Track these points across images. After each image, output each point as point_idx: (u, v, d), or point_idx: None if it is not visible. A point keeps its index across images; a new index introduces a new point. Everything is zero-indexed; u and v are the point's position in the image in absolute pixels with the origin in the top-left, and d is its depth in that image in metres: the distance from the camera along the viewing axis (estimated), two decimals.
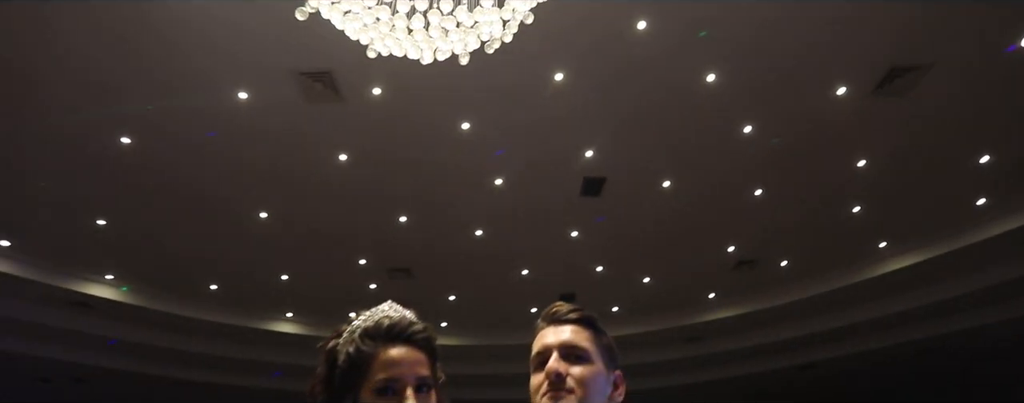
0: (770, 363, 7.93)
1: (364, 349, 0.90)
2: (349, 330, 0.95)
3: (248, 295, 6.50)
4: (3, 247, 5.22)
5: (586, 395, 0.94)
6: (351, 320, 0.96)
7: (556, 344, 1.00)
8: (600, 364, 1.01)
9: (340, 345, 0.93)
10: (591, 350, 1.01)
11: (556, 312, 1.07)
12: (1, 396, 8.33)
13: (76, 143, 3.99)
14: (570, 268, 6.13)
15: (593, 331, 1.06)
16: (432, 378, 0.95)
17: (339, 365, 0.91)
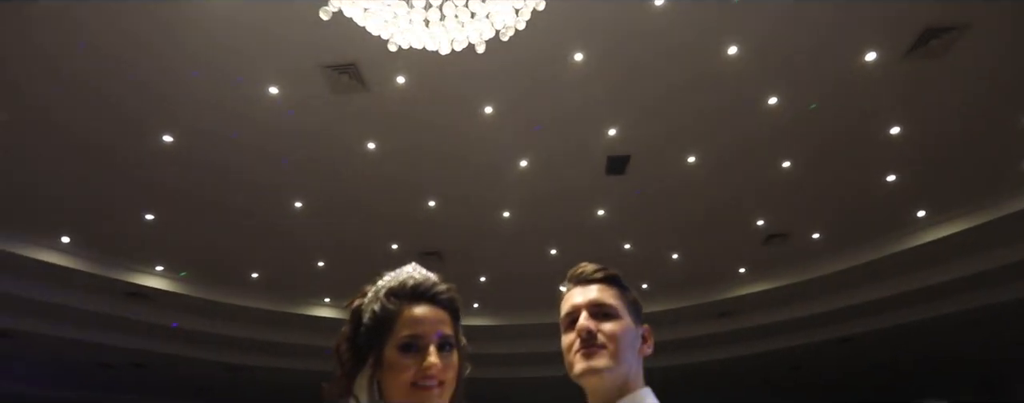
0: (805, 337, 7.90)
1: (389, 307, 0.93)
2: (374, 290, 0.98)
3: (287, 282, 6.83)
4: (63, 243, 5.63)
5: (618, 350, 0.99)
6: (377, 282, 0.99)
7: (584, 303, 1.05)
8: (628, 319, 1.05)
9: (365, 304, 0.96)
10: (619, 306, 1.05)
11: (582, 272, 1.12)
12: (67, 380, 9.01)
13: (122, 144, 4.26)
14: (598, 246, 6.20)
15: (619, 288, 1.10)
16: (454, 338, 0.96)
17: (364, 323, 0.94)
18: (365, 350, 0.93)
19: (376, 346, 0.91)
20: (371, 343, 0.92)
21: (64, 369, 8.44)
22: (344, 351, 0.96)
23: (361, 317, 0.95)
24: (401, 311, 0.92)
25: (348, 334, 0.97)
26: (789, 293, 6.99)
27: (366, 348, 0.94)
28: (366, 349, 0.93)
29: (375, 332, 0.92)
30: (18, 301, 6.05)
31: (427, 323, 0.92)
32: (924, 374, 10.14)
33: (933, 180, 5.17)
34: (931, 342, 8.08)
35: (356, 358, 0.95)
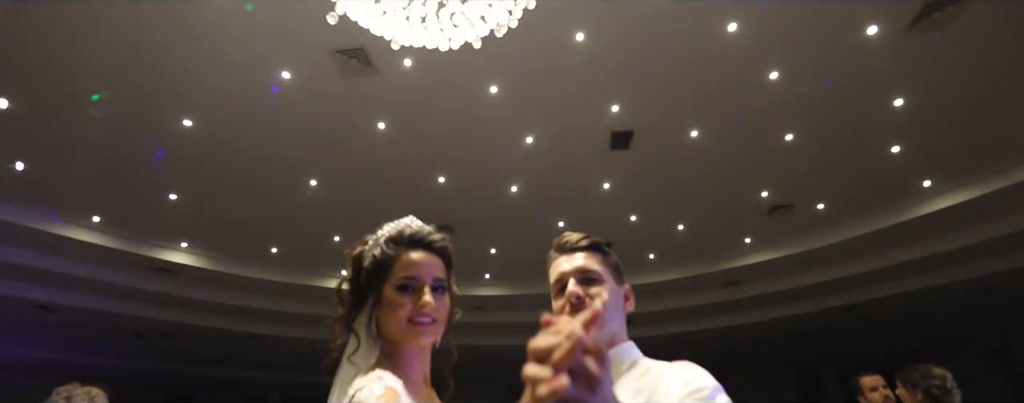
0: (809, 306, 8.15)
1: (388, 252, 1.04)
2: (374, 238, 1.09)
3: (305, 256, 7.19)
4: (95, 222, 6.01)
5: (606, 315, 1.09)
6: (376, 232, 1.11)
7: (571, 270, 1.15)
8: (612, 283, 1.16)
9: (366, 250, 1.08)
10: (602, 271, 1.15)
11: (567, 242, 1.21)
12: (103, 350, 9.64)
13: (145, 129, 4.53)
14: (605, 219, 6.44)
15: (602, 254, 1.20)
16: (447, 281, 1.07)
17: (365, 267, 1.06)
18: (365, 292, 1.05)
19: (376, 286, 1.02)
20: (371, 285, 1.03)
21: (100, 339, 9.04)
22: (345, 293, 1.09)
23: (362, 262, 1.07)
24: (399, 256, 1.04)
25: (350, 277, 1.09)
26: (793, 262, 7.20)
27: (366, 290, 1.05)
28: (366, 291, 1.05)
29: (375, 274, 1.04)
30: (58, 277, 6.50)
31: (423, 266, 1.04)
32: (928, 341, 10.41)
33: (938, 150, 5.28)
34: (936, 310, 8.29)
35: (356, 299, 1.08)
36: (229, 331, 8.69)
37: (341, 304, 1.10)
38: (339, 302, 1.09)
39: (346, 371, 1.05)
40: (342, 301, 1.09)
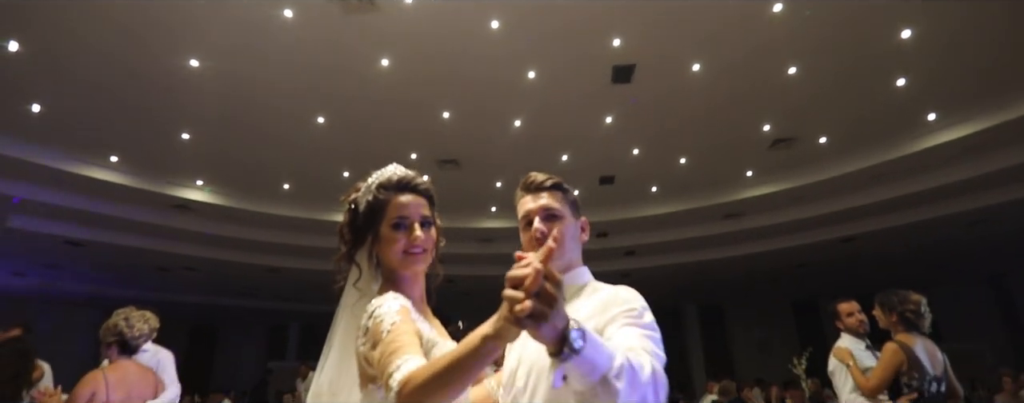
0: (810, 237, 8.47)
1: (380, 197, 1.23)
2: (366, 186, 1.27)
3: (316, 191, 7.53)
4: (113, 162, 6.32)
5: (562, 245, 1.31)
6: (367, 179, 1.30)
7: (536, 209, 1.33)
8: (570, 218, 1.36)
9: (360, 196, 1.27)
10: (562, 209, 1.34)
11: (533, 181, 1.38)
12: (131, 283, 10.36)
13: (156, 69, 4.70)
14: (607, 152, 6.64)
15: (562, 193, 1.38)
16: (432, 217, 1.26)
17: (361, 210, 1.25)
18: (364, 230, 1.26)
19: (374, 225, 1.24)
20: (369, 224, 1.24)
21: (127, 273, 9.70)
22: (346, 232, 1.29)
23: (358, 206, 1.27)
24: (390, 199, 1.24)
25: (348, 220, 1.28)
26: (794, 195, 7.43)
27: (364, 229, 1.25)
28: (364, 229, 1.25)
29: (371, 215, 1.25)
30: (85, 215, 6.94)
31: (411, 207, 1.23)
32: (927, 271, 10.82)
33: (944, 83, 5.31)
34: (935, 241, 8.59)
35: (356, 237, 1.27)
36: (247, 264, 9.26)
37: (343, 243, 1.30)
38: (342, 242, 1.30)
39: (350, 296, 1.29)
40: (343, 241, 1.30)
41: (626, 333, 1.09)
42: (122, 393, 2.77)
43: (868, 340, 3.09)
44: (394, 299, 1.15)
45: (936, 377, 2.72)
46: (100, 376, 2.79)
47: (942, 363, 2.80)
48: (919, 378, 2.70)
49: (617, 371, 0.87)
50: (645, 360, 0.97)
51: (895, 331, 2.88)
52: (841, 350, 3.00)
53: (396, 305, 1.13)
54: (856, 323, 3.08)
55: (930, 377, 2.71)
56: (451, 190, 7.63)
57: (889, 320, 2.91)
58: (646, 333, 1.10)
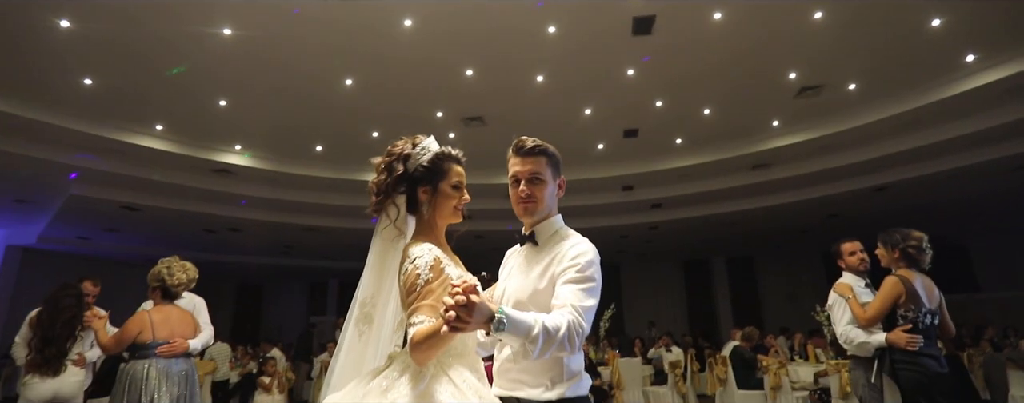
0: (840, 187, 8.47)
1: (443, 162, 1.59)
2: (420, 148, 1.59)
3: (347, 152, 7.91)
4: (158, 130, 6.80)
5: (543, 202, 1.63)
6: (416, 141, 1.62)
7: (524, 171, 1.63)
8: (550, 180, 1.66)
9: (415, 154, 1.59)
10: (545, 172, 1.64)
11: (522, 146, 1.65)
12: (181, 243, 11.15)
13: (192, 40, 5.02)
14: (630, 105, 6.75)
15: (547, 157, 1.66)
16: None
17: (422, 164, 1.57)
18: (417, 182, 1.58)
19: (434, 182, 1.58)
20: (429, 178, 1.58)
21: (177, 234, 10.45)
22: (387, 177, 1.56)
23: (414, 159, 1.59)
24: (452, 166, 1.62)
25: (396, 168, 1.57)
26: (823, 144, 7.41)
27: (419, 181, 1.58)
28: (419, 182, 1.58)
29: (433, 174, 1.59)
30: (138, 181, 7.52)
31: (463, 176, 1.64)
32: (966, 219, 10.66)
33: (983, 21, 5.18)
34: (974, 188, 8.45)
35: (396, 183, 1.57)
36: (286, 224, 9.86)
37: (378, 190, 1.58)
38: (378, 188, 1.58)
39: (389, 231, 1.60)
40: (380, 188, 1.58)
41: (565, 290, 1.48)
42: (166, 332, 3.24)
43: (868, 278, 3.29)
44: (429, 251, 1.48)
45: (931, 311, 2.93)
46: (146, 317, 3.26)
47: (938, 299, 3.00)
48: (915, 310, 2.92)
49: (533, 337, 1.30)
50: (562, 321, 1.37)
51: (896, 267, 3.07)
52: (842, 285, 3.22)
53: (430, 258, 1.46)
54: (857, 262, 3.28)
55: (925, 310, 2.92)
56: (477, 147, 7.77)
57: (892, 257, 3.10)
58: (582, 287, 1.48)
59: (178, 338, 3.21)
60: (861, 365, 3.02)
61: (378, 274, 1.59)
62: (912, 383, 2.83)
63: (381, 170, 1.61)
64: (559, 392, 1.49)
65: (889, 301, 2.96)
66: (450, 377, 1.39)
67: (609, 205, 9.62)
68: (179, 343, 3.19)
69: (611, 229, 10.73)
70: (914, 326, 2.89)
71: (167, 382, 3.03)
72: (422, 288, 1.41)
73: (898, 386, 2.84)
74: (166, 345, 3.14)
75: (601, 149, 8.10)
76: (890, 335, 2.91)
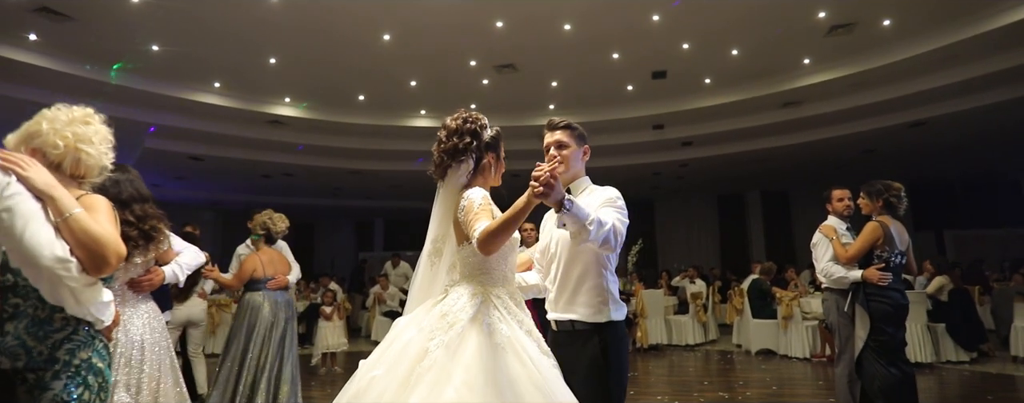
0: (875, 123, 8.49)
1: (500, 138, 2.02)
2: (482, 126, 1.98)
3: (388, 100, 8.46)
4: (216, 87, 7.49)
5: (569, 162, 2.07)
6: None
7: (552, 142, 2.13)
8: (575, 147, 2.13)
9: (481, 127, 1.98)
10: (570, 141, 2.13)
11: (550, 123, 2.16)
12: (241, 188, 12.24)
13: (244, 4, 5.52)
14: (657, 49, 6.93)
15: (570, 130, 2.15)
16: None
17: (491, 136, 1.98)
18: (485, 150, 1.96)
19: (495, 150, 2.01)
20: (492, 146, 1.98)
21: (237, 180, 11.49)
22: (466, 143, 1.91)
23: (484, 131, 1.98)
24: (502, 142, 2.06)
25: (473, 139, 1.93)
26: (857, 81, 7.43)
27: (486, 149, 1.96)
28: (486, 150, 1.96)
29: (495, 143, 2.02)
30: (200, 134, 8.37)
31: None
32: (1002, 153, 10.44)
33: None
34: (1012, 122, 8.32)
35: (472, 150, 1.93)
36: (334, 169, 10.68)
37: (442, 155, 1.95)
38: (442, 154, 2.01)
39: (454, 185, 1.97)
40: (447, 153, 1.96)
41: (605, 211, 1.92)
42: (272, 270, 4.07)
43: (849, 222, 3.72)
44: (479, 191, 1.91)
45: (901, 252, 3.38)
46: (257, 258, 4.06)
47: (908, 243, 3.43)
48: (889, 251, 3.38)
49: (591, 220, 1.72)
50: (609, 218, 1.81)
51: (877, 215, 3.49)
52: (827, 227, 3.67)
53: (480, 194, 1.89)
54: (843, 207, 3.70)
55: (897, 251, 3.37)
56: (510, 92, 8.29)
57: (875, 205, 3.51)
58: (617, 209, 1.96)
59: (280, 274, 4.03)
60: (834, 296, 3.53)
61: (444, 218, 2.03)
62: (881, 312, 3.34)
63: (451, 139, 1.96)
64: (607, 315, 1.95)
65: (869, 243, 3.41)
66: (492, 300, 1.85)
67: (640, 144, 9.94)
68: (281, 278, 4.02)
69: (643, 166, 11.09)
70: (886, 265, 3.35)
71: (275, 307, 3.88)
72: (478, 209, 1.81)
73: (868, 314, 3.35)
74: (273, 280, 3.97)
75: (630, 90, 8.34)
76: (865, 272, 3.39)
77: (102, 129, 1.74)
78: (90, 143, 1.67)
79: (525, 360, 1.70)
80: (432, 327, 1.76)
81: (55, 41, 6.00)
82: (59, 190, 1.49)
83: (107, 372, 1.66)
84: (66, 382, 1.53)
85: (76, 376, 1.55)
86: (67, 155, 1.62)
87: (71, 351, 1.56)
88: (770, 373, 6.22)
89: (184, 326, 4.79)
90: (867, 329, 3.35)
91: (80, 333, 1.60)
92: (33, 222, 1.39)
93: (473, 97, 8.51)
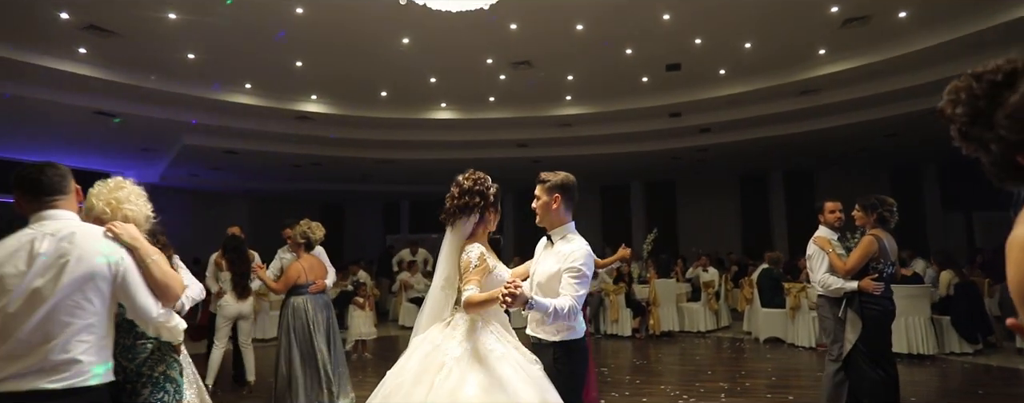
0: (897, 109, 8.41)
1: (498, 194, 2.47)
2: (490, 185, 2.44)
3: (410, 95, 8.79)
4: (247, 88, 7.93)
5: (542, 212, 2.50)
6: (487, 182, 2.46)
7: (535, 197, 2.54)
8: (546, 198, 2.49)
9: (487, 188, 2.43)
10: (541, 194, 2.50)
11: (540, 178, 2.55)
12: (274, 177, 12.85)
13: (271, 15, 5.87)
14: (670, 43, 7.03)
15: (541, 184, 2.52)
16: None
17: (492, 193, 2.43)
18: (477, 206, 2.40)
19: (495, 207, 2.47)
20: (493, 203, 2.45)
21: (270, 170, 12.08)
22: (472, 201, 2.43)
23: (490, 189, 2.45)
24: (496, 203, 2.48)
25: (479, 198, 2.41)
26: (875, 69, 7.39)
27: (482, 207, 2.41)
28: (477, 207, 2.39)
29: (496, 202, 2.47)
30: (233, 130, 8.89)
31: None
32: None
33: None
34: None
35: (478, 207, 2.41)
36: (360, 158, 11.14)
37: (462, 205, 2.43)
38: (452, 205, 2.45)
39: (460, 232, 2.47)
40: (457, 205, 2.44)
41: (566, 283, 2.34)
42: (313, 275, 4.52)
43: (839, 233, 3.92)
44: (477, 248, 2.38)
45: (892, 263, 3.59)
46: (300, 265, 4.51)
47: (895, 252, 3.63)
48: (883, 263, 3.59)
49: (549, 312, 2.21)
50: (566, 303, 2.25)
51: (870, 228, 3.69)
52: (821, 239, 3.87)
53: (477, 252, 2.36)
54: (834, 219, 3.89)
55: (890, 262, 3.58)
56: (527, 85, 8.51)
57: (868, 219, 3.71)
58: (576, 280, 2.33)
59: (319, 279, 4.49)
60: (827, 303, 3.77)
61: (451, 258, 2.48)
62: (874, 319, 3.59)
63: (462, 197, 2.41)
64: (561, 337, 2.41)
65: (866, 256, 3.61)
66: (487, 326, 2.35)
67: (657, 131, 10.06)
68: (321, 283, 4.50)
69: (661, 152, 11.22)
70: (879, 275, 3.58)
71: (317, 308, 4.37)
72: (472, 270, 2.33)
73: (861, 320, 3.59)
74: (313, 285, 4.43)
75: (645, 81, 8.46)
76: (862, 283, 3.60)
77: (134, 189, 2.19)
78: (129, 202, 2.11)
79: (516, 368, 2.22)
80: (446, 345, 2.28)
81: (103, 54, 6.51)
82: (141, 241, 1.94)
83: (180, 380, 2.20)
84: (151, 389, 2.06)
85: (157, 385, 2.08)
86: (117, 215, 2.06)
87: (152, 366, 2.10)
88: (773, 363, 6.48)
89: (235, 319, 5.34)
90: (857, 333, 3.58)
91: (156, 353, 2.13)
92: (141, 289, 1.87)
93: (491, 91, 8.76)
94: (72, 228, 1.80)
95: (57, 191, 1.85)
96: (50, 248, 1.72)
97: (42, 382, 1.63)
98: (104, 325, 1.79)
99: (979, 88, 0.93)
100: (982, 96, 0.92)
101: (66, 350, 1.67)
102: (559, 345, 2.41)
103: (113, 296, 1.81)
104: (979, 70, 0.95)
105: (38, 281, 1.68)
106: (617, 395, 5.13)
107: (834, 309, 3.74)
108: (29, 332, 1.65)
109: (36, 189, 1.83)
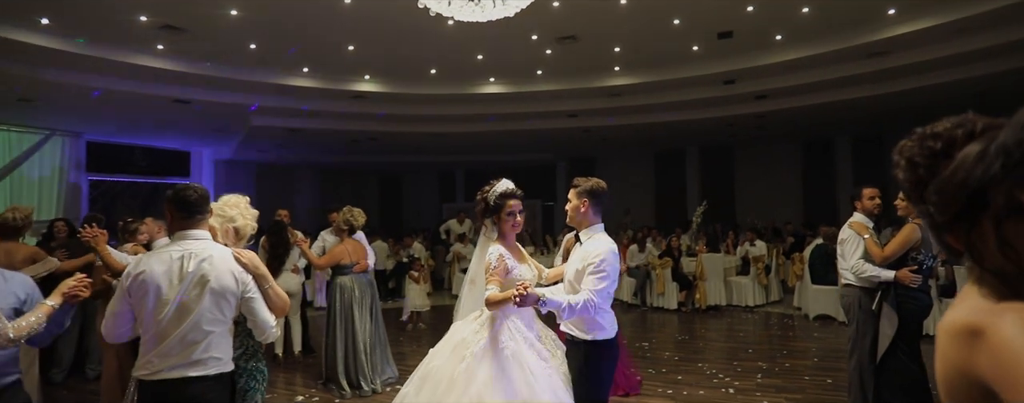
0: (981, 68, 7.76)
1: (504, 200, 2.75)
2: (492, 191, 2.76)
3: (459, 71, 8.96)
4: (305, 72, 8.37)
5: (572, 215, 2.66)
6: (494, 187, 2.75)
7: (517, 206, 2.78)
8: (576, 201, 2.64)
9: (490, 194, 2.76)
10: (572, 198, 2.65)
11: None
12: (333, 151, 13.52)
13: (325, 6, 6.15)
14: (719, 13, 6.77)
15: (574, 188, 2.66)
16: (523, 207, 2.77)
17: (493, 201, 2.73)
18: (491, 211, 2.75)
19: (499, 213, 2.75)
20: (498, 208, 2.75)
21: (329, 145, 12.73)
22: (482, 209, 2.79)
23: (488, 200, 2.76)
24: (506, 201, 2.74)
25: (483, 205, 2.78)
26: (956, 28, 6.81)
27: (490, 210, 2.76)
28: (491, 211, 2.75)
29: (498, 208, 2.75)
30: (295, 111, 9.45)
31: (516, 206, 2.77)
32: None
33: None
34: None
35: (487, 211, 2.78)
36: (414, 132, 11.52)
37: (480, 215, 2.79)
38: (478, 213, 2.81)
39: (485, 238, 2.81)
40: (479, 211, 2.80)
41: (586, 279, 2.49)
42: (356, 257, 4.90)
43: (875, 220, 3.77)
44: (497, 250, 2.65)
45: (933, 255, 3.46)
46: (343, 248, 4.90)
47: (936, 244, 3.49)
48: (924, 254, 3.48)
49: (562, 309, 2.37)
50: (580, 298, 2.40)
51: (913, 217, 3.53)
52: (858, 224, 3.74)
53: (496, 254, 2.64)
54: (873, 206, 3.75)
55: (930, 254, 3.46)
56: (576, 58, 8.46)
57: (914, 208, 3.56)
58: (596, 276, 2.47)
59: (362, 260, 4.89)
60: (856, 292, 3.66)
61: (479, 257, 2.82)
62: (911, 312, 3.48)
63: (479, 203, 2.80)
64: (593, 336, 2.54)
65: (907, 244, 3.47)
66: (506, 324, 2.64)
67: (711, 98, 9.76)
68: (363, 264, 4.89)
69: (716, 120, 10.89)
70: (918, 267, 3.45)
71: (362, 287, 4.78)
72: (492, 270, 2.63)
73: (898, 314, 3.48)
74: (357, 266, 4.83)
75: (696, 50, 8.20)
76: (899, 273, 3.45)
77: (242, 201, 2.55)
78: (241, 217, 2.50)
79: (523, 367, 2.54)
80: (471, 338, 2.64)
81: (177, 49, 7.09)
82: (263, 269, 2.31)
83: (265, 370, 2.60)
84: (246, 378, 2.48)
85: (250, 375, 2.51)
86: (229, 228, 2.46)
87: (247, 360, 2.52)
88: (819, 342, 6.36)
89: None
90: (894, 328, 3.44)
91: (249, 349, 2.55)
92: (262, 307, 2.27)
93: (538, 64, 8.77)
94: (210, 251, 2.17)
95: (200, 211, 2.22)
96: (194, 268, 2.12)
97: (191, 371, 2.10)
98: (230, 328, 2.25)
99: (920, 154, 0.85)
100: (921, 164, 0.84)
101: (207, 350, 2.12)
102: (590, 344, 2.54)
103: (237, 308, 2.24)
104: (927, 131, 0.88)
105: (186, 297, 2.10)
106: (654, 372, 5.27)
107: (863, 298, 3.64)
108: (179, 337, 2.08)
109: (188, 208, 2.18)
